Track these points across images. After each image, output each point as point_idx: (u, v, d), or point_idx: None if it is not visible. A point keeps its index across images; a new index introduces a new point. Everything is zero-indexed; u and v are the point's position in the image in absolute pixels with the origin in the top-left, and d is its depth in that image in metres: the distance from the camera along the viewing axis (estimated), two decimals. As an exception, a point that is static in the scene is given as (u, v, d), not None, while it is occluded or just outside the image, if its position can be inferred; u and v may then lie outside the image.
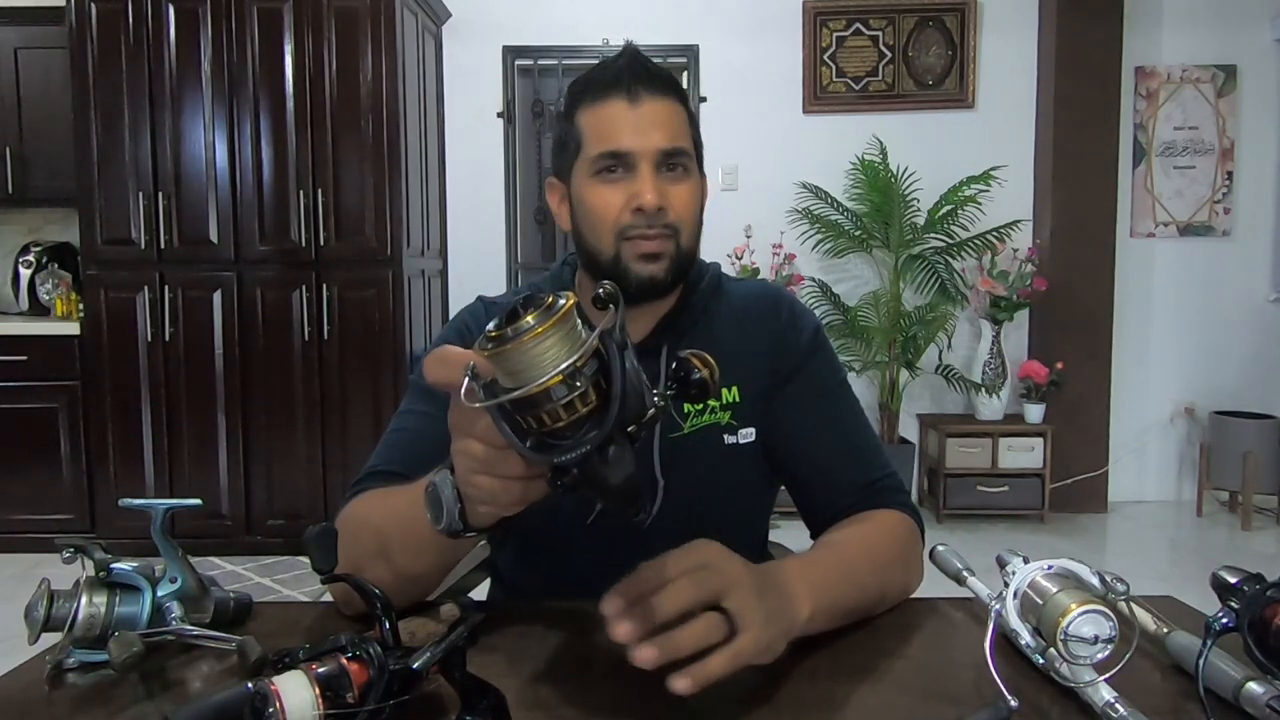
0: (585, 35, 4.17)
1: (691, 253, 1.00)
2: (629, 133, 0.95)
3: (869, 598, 0.88)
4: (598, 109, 0.97)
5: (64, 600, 0.76)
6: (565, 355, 0.51)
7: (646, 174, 0.94)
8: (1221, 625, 0.67)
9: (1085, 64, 4.05)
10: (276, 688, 0.57)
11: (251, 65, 3.50)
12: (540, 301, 0.54)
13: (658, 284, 0.97)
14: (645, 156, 0.94)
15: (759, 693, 0.72)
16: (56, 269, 4.03)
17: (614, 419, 0.53)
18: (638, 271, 0.96)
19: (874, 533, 0.96)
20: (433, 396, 1.00)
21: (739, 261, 4.03)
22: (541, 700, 0.71)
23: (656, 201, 0.94)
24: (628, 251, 0.96)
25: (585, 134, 0.97)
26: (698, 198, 1.00)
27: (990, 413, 4.09)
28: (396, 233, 3.55)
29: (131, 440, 3.60)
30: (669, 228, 0.96)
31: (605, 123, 0.96)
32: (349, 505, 0.92)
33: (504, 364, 0.53)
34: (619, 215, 0.95)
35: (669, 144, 0.95)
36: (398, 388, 3.55)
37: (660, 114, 0.96)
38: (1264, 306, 4.28)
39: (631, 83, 0.95)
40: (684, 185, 0.97)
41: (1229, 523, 4.06)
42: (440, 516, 0.69)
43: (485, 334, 0.54)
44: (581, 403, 0.53)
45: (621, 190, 0.95)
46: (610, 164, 0.95)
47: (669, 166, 0.96)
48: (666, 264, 0.97)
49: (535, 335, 0.51)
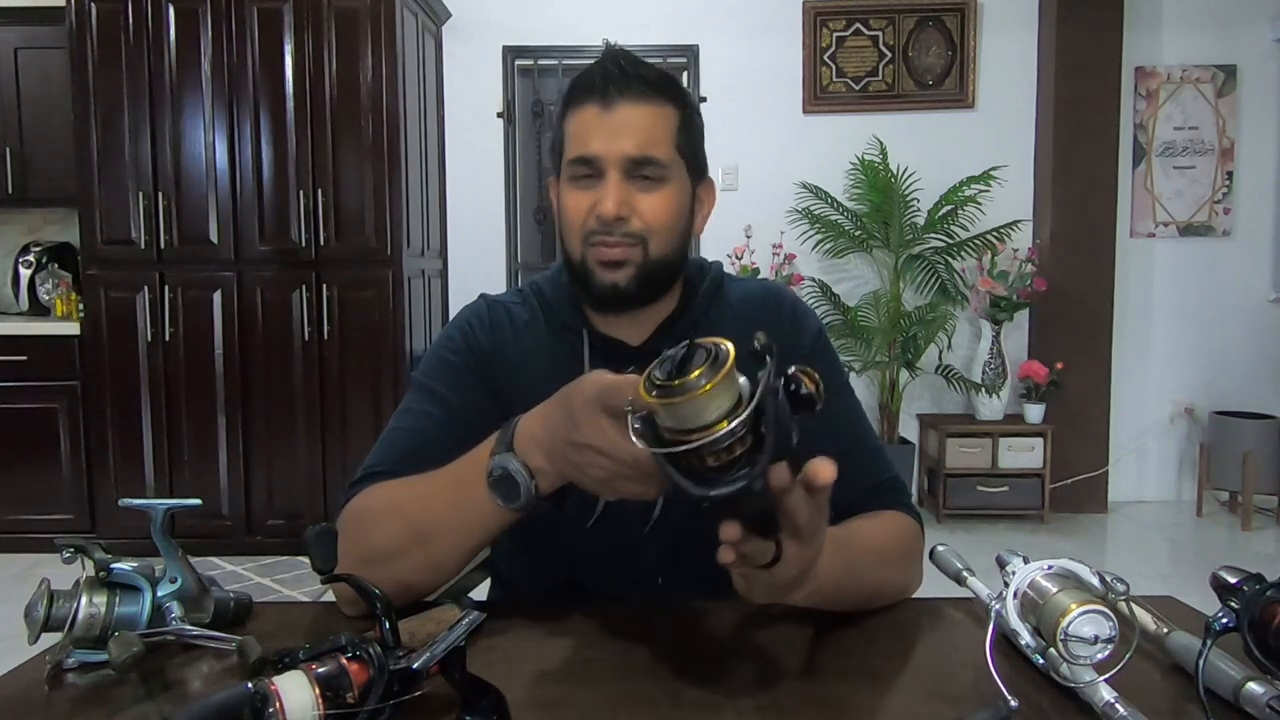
0: (585, 35, 4.17)
1: (665, 262, 0.98)
2: (598, 139, 0.94)
3: (865, 589, 0.88)
4: (577, 113, 0.97)
5: (64, 600, 0.76)
6: (728, 404, 0.57)
7: (612, 181, 0.94)
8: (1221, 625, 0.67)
9: (1085, 64, 4.05)
10: (276, 688, 0.57)
11: (251, 65, 3.50)
12: (704, 353, 0.58)
13: (620, 292, 0.96)
14: (612, 163, 0.94)
15: (759, 693, 0.72)
16: (56, 269, 4.03)
17: (766, 463, 0.58)
18: (600, 278, 0.96)
19: (881, 529, 0.96)
20: (436, 397, 1.01)
21: (739, 261, 4.03)
22: (541, 700, 0.70)
23: (615, 210, 0.93)
24: (592, 257, 0.96)
25: (566, 137, 0.98)
26: (675, 206, 0.98)
27: (990, 413, 4.09)
28: (396, 233, 3.55)
29: (131, 440, 3.60)
30: (632, 236, 0.95)
31: (580, 127, 0.96)
32: (359, 498, 0.91)
33: (670, 410, 0.59)
34: (585, 220, 0.96)
35: (638, 152, 0.94)
36: (398, 388, 3.55)
37: (635, 119, 0.94)
38: (1264, 306, 4.28)
39: (606, 87, 0.94)
40: (655, 194, 0.96)
41: (1229, 523, 4.06)
42: (516, 495, 0.77)
43: (652, 378, 0.59)
44: (740, 445, 0.58)
45: (590, 196, 0.96)
46: (584, 170, 0.96)
47: (643, 176, 0.95)
48: (631, 272, 0.96)
49: (705, 392, 0.56)
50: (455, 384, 1.01)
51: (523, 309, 1.06)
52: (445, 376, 1.02)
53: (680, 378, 0.57)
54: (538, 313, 1.06)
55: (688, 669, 0.76)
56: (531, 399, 1.02)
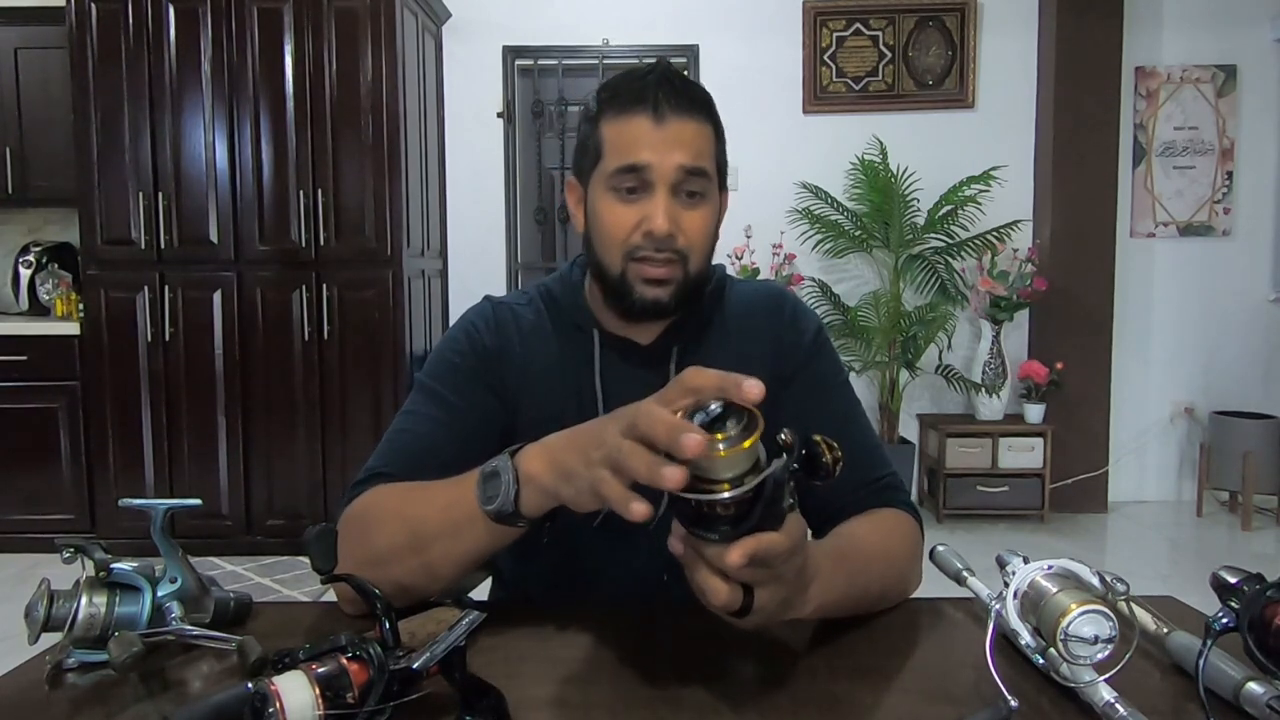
0: (585, 35, 4.17)
1: (700, 277, 0.99)
2: (649, 148, 0.93)
3: (871, 595, 0.88)
4: (622, 122, 0.95)
5: (64, 600, 0.75)
6: (742, 469, 0.61)
7: (661, 197, 0.93)
8: (1221, 625, 0.67)
9: (1085, 64, 4.05)
10: (276, 688, 0.57)
11: (251, 65, 3.50)
12: (736, 419, 0.62)
13: (662, 307, 0.97)
14: (663, 178, 0.93)
15: (759, 693, 0.72)
16: (56, 269, 4.03)
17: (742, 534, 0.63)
18: (641, 294, 0.96)
19: (881, 531, 0.96)
20: (441, 401, 1.00)
21: (739, 261, 4.03)
22: (541, 700, 0.70)
23: (668, 228, 0.93)
24: (634, 273, 0.96)
25: (606, 145, 0.96)
26: (712, 224, 0.99)
27: (990, 413, 4.09)
28: (396, 233, 3.55)
29: (131, 440, 3.60)
30: (678, 253, 0.95)
31: (627, 137, 0.94)
32: (362, 500, 0.91)
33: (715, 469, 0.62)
34: (629, 235, 0.95)
35: (690, 162, 0.93)
36: (398, 388, 3.55)
37: (685, 134, 0.94)
38: (1264, 306, 4.29)
39: (659, 100, 0.93)
40: (699, 211, 0.96)
41: (1229, 523, 4.06)
42: (494, 496, 0.75)
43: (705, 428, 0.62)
44: (735, 507, 0.63)
45: (636, 211, 0.95)
46: (629, 182, 0.94)
47: (688, 193, 0.95)
48: (673, 289, 0.96)
49: (721, 455, 0.60)
50: (459, 386, 1.01)
51: (528, 310, 1.06)
52: (449, 378, 1.01)
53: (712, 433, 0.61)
54: (544, 315, 1.06)
55: (688, 669, 0.76)
56: (538, 400, 1.02)
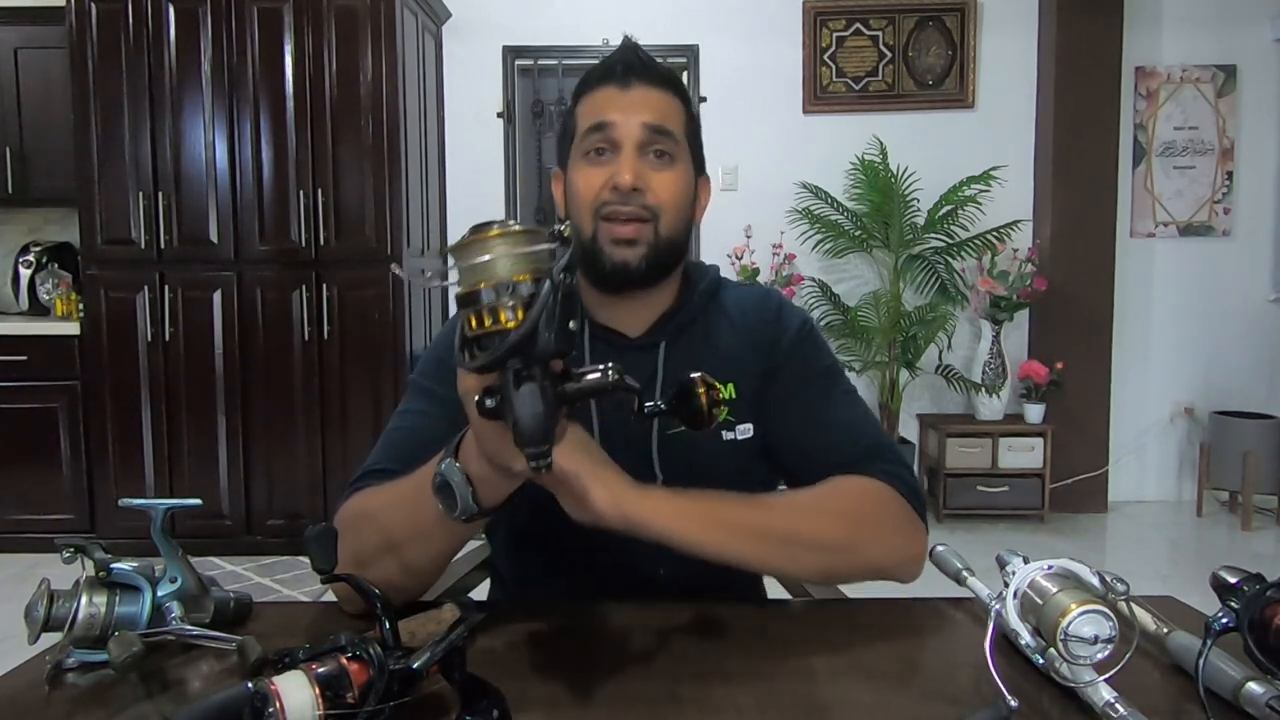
0: (585, 35, 4.17)
1: (673, 243, 1.00)
2: (615, 109, 0.97)
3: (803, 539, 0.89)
4: (591, 95, 1.01)
5: (64, 600, 0.76)
6: (507, 270, 0.57)
7: (628, 152, 0.96)
8: (1221, 625, 0.67)
9: (1085, 64, 4.05)
10: (276, 688, 0.57)
11: (251, 65, 3.50)
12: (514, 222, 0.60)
13: (631, 271, 0.98)
14: (629, 135, 0.96)
15: (759, 693, 0.72)
16: (56, 269, 4.02)
17: (521, 334, 0.58)
18: (611, 255, 0.97)
19: (825, 488, 0.94)
20: (432, 396, 1.01)
21: (739, 261, 4.02)
22: (541, 700, 0.71)
23: (631, 180, 0.95)
24: (604, 233, 0.97)
25: (579, 119, 1.01)
26: (683, 187, 1.01)
27: (990, 413, 4.09)
28: (396, 233, 3.55)
29: (131, 440, 3.60)
30: (647, 209, 0.97)
31: (595, 105, 0.99)
32: (348, 502, 0.93)
33: (460, 258, 0.60)
34: (599, 193, 0.97)
35: (655, 120, 0.97)
36: (398, 387, 3.55)
37: (651, 98, 0.99)
38: (1264, 306, 4.28)
39: (625, 71, 0.99)
40: (669, 173, 0.99)
41: (1229, 523, 4.06)
42: (454, 504, 0.74)
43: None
44: (507, 316, 0.58)
45: (604, 171, 0.97)
46: (597, 143, 0.97)
47: (656, 152, 0.98)
48: (643, 250, 0.97)
49: (488, 238, 0.56)
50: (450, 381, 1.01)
51: None
52: (440, 374, 1.02)
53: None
54: None
55: (688, 669, 0.76)
56: None
